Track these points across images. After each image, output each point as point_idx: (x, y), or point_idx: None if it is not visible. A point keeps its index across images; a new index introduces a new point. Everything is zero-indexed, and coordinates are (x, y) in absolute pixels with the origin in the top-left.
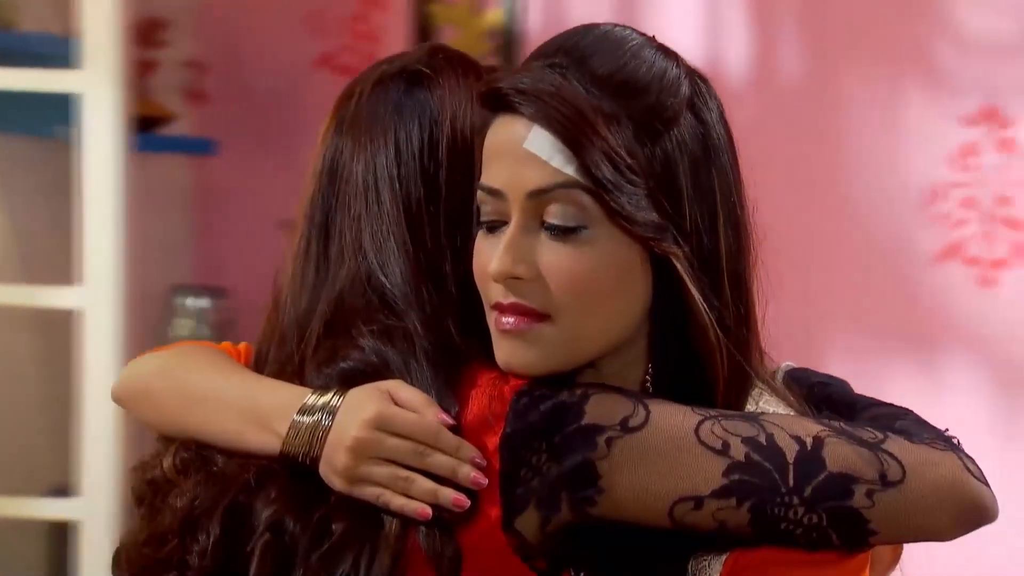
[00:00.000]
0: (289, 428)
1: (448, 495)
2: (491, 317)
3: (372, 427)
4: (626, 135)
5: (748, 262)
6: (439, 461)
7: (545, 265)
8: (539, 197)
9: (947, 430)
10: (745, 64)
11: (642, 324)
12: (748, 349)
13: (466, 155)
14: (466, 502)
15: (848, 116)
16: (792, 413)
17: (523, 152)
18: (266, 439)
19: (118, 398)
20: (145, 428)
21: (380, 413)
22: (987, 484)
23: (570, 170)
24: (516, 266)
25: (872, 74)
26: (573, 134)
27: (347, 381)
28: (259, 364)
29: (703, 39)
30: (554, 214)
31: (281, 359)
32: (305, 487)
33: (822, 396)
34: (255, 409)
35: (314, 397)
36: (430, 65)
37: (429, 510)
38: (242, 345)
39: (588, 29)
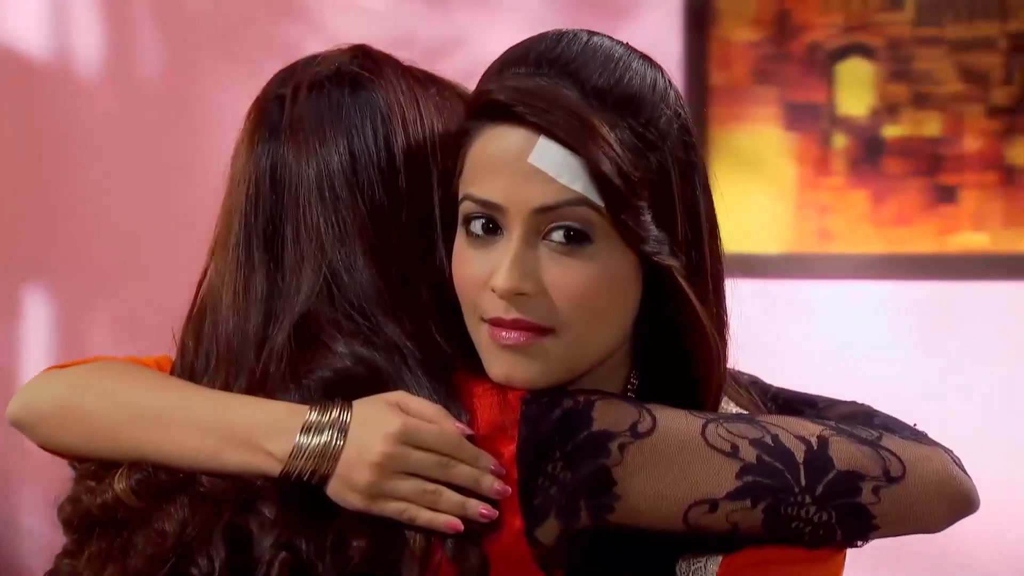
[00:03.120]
0: (293, 448)
1: (475, 507)
2: (482, 329)
3: (398, 441)
4: (630, 147)
5: (722, 270)
6: (463, 472)
7: (550, 280)
8: (545, 213)
9: (915, 424)
10: (98, 58)
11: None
12: (727, 354)
13: (423, 160)
14: (494, 513)
15: (215, 115)
16: (745, 412)
17: (527, 166)
18: (252, 458)
19: (20, 419)
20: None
21: (405, 426)
22: (969, 476)
23: (578, 186)
24: (523, 282)
25: (241, 73)
26: (586, 147)
27: (332, 392)
28: (188, 379)
29: (48, 30)
30: (560, 230)
31: (228, 373)
32: (304, 505)
33: (771, 395)
34: (230, 427)
35: (316, 414)
36: (365, 67)
37: (460, 523)
38: (150, 359)
39: (570, 38)
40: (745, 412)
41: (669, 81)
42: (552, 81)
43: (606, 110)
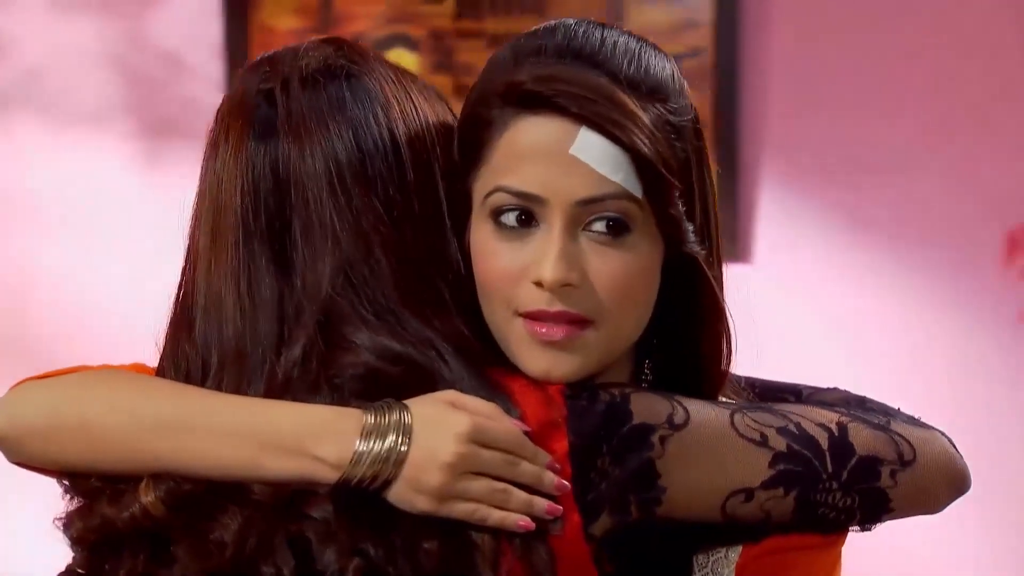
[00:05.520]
0: (354, 454)
1: (542, 504)
2: (516, 324)
3: (469, 440)
4: (664, 136)
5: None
6: (527, 470)
7: (593, 271)
8: (587, 205)
9: (899, 408)
10: None
11: None
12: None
13: (424, 152)
14: (559, 509)
15: None
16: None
17: (567, 157)
18: (299, 465)
19: (3, 435)
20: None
21: (475, 425)
22: (962, 456)
23: (618, 178)
24: (570, 272)
25: None
26: (630, 137)
27: (370, 391)
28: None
29: None
30: (603, 220)
31: (239, 377)
32: (359, 510)
33: (745, 383)
34: (268, 433)
35: (374, 417)
36: (353, 60)
37: (531, 521)
38: (130, 366)
39: (585, 28)
40: (733, 401)
41: (680, 69)
42: (583, 71)
43: (641, 98)
